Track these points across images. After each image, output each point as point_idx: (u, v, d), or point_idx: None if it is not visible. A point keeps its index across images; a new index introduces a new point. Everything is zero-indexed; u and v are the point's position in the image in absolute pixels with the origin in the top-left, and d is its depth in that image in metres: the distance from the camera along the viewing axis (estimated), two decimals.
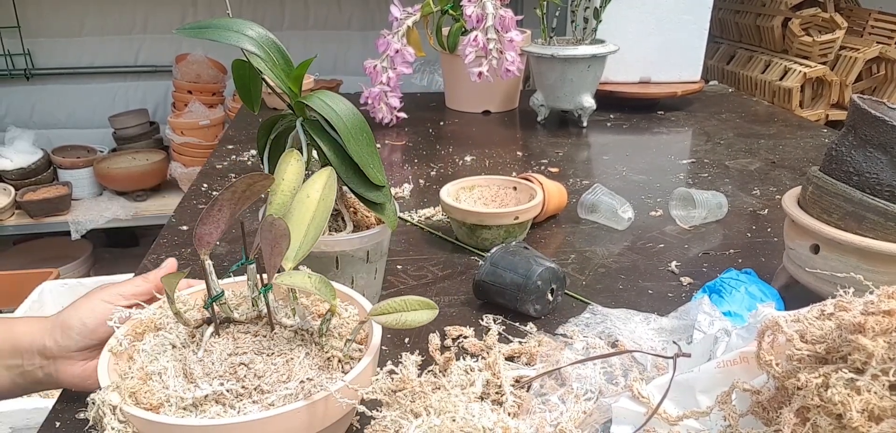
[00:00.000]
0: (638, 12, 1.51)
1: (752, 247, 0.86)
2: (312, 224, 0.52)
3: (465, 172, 1.15)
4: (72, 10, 2.45)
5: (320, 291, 0.47)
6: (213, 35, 0.58)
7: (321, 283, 0.47)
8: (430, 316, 0.49)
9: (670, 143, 1.33)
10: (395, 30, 1.28)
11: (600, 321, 0.65)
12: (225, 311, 0.51)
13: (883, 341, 0.36)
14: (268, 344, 0.49)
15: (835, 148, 0.63)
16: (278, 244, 0.47)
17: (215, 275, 0.49)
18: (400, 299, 0.48)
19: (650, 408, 0.48)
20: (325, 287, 0.47)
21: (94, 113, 2.56)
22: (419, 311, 0.49)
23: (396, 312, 0.48)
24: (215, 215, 0.48)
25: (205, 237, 0.47)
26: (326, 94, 0.61)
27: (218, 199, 0.47)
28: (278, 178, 0.55)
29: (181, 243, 0.87)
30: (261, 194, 0.50)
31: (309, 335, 0.51)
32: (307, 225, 0.52)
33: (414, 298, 0.49)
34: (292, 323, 0.51)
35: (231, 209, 0.48)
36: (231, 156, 1.25)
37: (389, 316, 0.48)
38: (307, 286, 0.47)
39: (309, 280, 0.47)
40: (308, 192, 0.54)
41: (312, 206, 0.53)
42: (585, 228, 0.92)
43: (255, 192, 0.49)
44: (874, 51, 1.94)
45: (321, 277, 0.47)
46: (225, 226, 0.48)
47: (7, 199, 2.22)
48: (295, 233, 0.51)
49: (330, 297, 0.47)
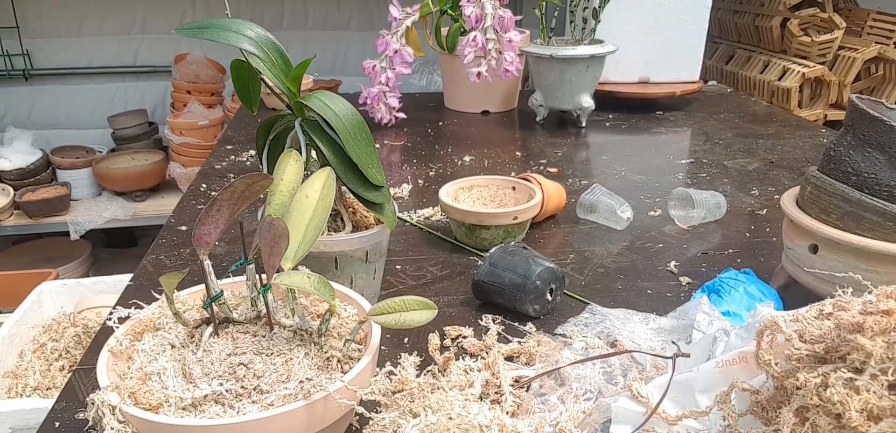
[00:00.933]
0: (637, 12, 1.52)
1: (751, 246, 0.86)
2: (311, 224, 0.52)
3: (464, 172, 1.15)
4: (70, 10, 2.44)
5: (319, 291, 0.46)
6: (211, 35, 0.58)
7: (320, 284, 0.47)
8: (429, 316, 0.49)
9: (669, 143, 1.33)
10: (394, 30, 1.28)
11: (599, 321, 0.66)
12: (224, 311, 0.51)
13: (881, 341, 0.36)
14: (267, 344, 0.49)
15: (833, 148, 0.63)
16: (277, 244, 0.47)
17: (214, 276, 0.49)
18: (399, 299, 0.48)
19: (649, 407, 0.48)
20: (323, 287, 0.47)
21: (93, 113, 2.56)
22: (419, 311, 0.49)
23: (396, 312, 0.48)
24: (214, 215, 0.48)
25: (203, 237, 0.47)
26: (325, 94, 0.61)
27: (217, 199, 0.47)
28: (277, 178, 0.54)
29: (180, 243, 0.87)
30: (260, 194, 0.50)
31: (308, 335, 0.50)
32: (306, 225, 0.52)
33: (413, 298, 0.49)
34: (291, 323, 0.51)
35: (230, 209, 0.48)
36: (230, 156, 1.25)
37: (389, 316, 0.48)
38: (306, 286, 0.46)
39: (308, 280, 0.47)
40: (307, 192, 0.54)
41: (311, 205, 0.53)
42: (584, 228, 0.92)
43: (253, 191, 0.49)
44: (873, 51, 1.94)
45: (320, 277, 0.47)
46: (224, 227, 0.48)
47: (6, 200, 2.21)
48: (294, 233, 0.51)
49: (329, 297, 0.47)
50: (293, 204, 0.53)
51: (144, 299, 0.73)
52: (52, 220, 2.26)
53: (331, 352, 0.49)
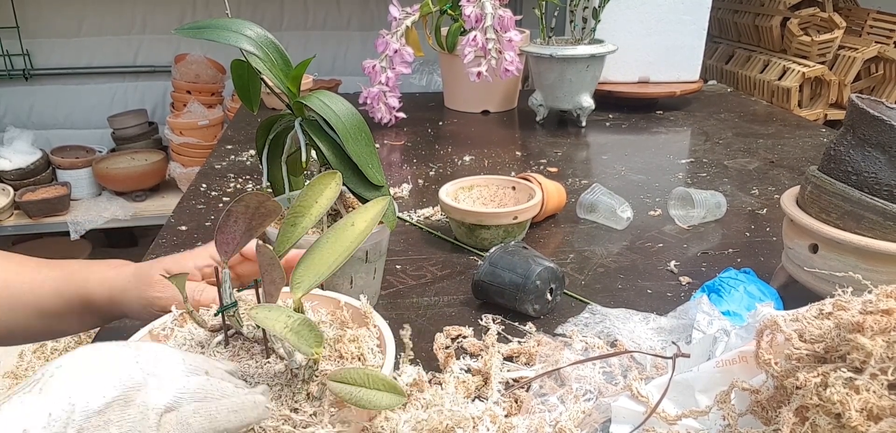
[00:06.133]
0: (636, 12, 1.52)
1: (751, 246, 0.86)
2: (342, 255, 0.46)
3: (464, 172, 1.15)
4: (70, 10, 2.44)
5: (295, 340, 0.40)
6: (211, 35, 0.58)
7: (301, 328, 0.40)
8: (391, 402, 0.42)
9: (669, 142, 1.33)
10: (393, 30, 1.28)
11: (599, 321, 0.66)
12: (234, 324, 0.48)
13: (881, 340, 0.36)
14: (257, 371, 0.45)
15: (833, 147, 0.63)
16: (269, 272, 0.44)
17: (230, 284, 0.47)
18: (365, 373, 0.41)
19: (649, 407, 0.48)
20: (304, 333, 0.40)
21: (93, 113, 2.56)
22: (381, 394, 0.42)
23: (355, 385, 0.41)
24: (231, 226, 0.46)
25: (222, 246, 0.46)
26: (325, 94, 0.61)
27: (231, 210, 0.46)
28: (310, 198, 0.49)
29: (180, 243, 0.87)
30: (269, 219, 0.47)
31: (293, 375, 0.44)
32: (340, 254, 0.46)
33: (381, 377, 0.42)
34: (284, 355, 0.46)
35: (246, 222, 0.46)
36: (230, 156, 1.25)
37: (344, 387, 0.40)
38: (277, 330, 0.40)
39: (286, 321, 0.41)
40: (354, 221, 0.48)
41: (355, 236, 0.47)
42: (584, 228, 0.92)
43: (263, 213, 0.46)
44: (873, 50, 1.94)
45: (303, 321, 0.41)
46: (241, 239, 0.46)
47: (6, 200, 2.21)
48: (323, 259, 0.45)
49: (307, 347, 0.40)
50: (335, 228, 0.48)
51: None
52: (52, 220, 2.26)
53: (300, 403, 0.43)
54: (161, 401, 0.36)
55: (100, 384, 0.34)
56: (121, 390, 0.34)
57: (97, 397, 0.34)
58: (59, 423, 0.32)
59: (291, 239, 0.48)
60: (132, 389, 0.35)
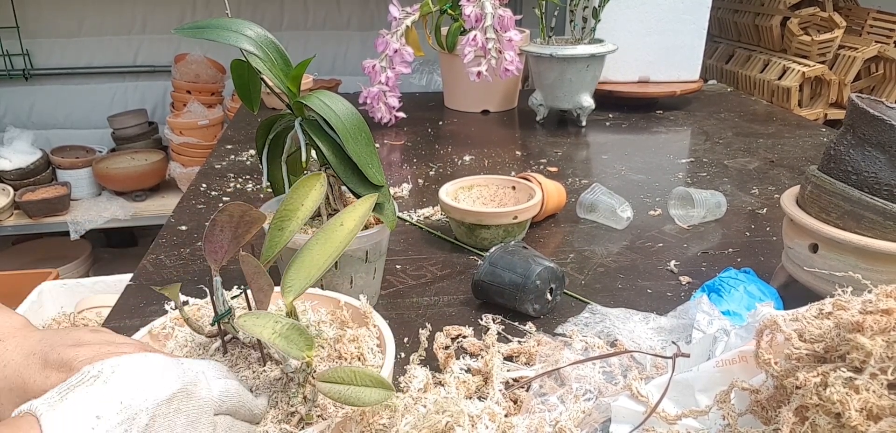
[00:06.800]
0: (636, 12, 1.52)
1: (751, 246, 0.86)
2: (333, 254, 0.46)
3: (464, 172, 1.15)
4: (70, 10, 2.44)
5: (284, 345, 0.40)
6: (211, 35, 0.58)
7: (291, 332, 0.40)
8: (380, 397, 0.42)
9: (669, 142, 1.33)
10: (393, 29, 1.28)
11: (599, 320, 0.66)
12: (230, 331, 0.48)
13: (881, 340, 0.36)
14: (253, 379, 0.45)
15: (833, 147, 0.63)
16: (256, 280, 0.44)
17: (223, 291, 0.47)
18: (352, 371, 0.41)
19: (649, 407, 0.48)
20: (294, 337, 0.40)
21: (93, 113, 2.56)
22: (370, 390, 0.41)
23: (344, 384, 0.41)
24: (217, 235, 0.45)
25: (212, 254, 0.45)
26: (325, 93, 0.61)
27: (215, 219, 0.45)
28: (296, 200, 0.49)
29: (180, 243, 0.87)
30: (254, 228, 0.46)
31: (289, 379, 0.45)
32: (330, 255, 0.46)
33: (369, 374, 0.41)
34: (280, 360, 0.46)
35: (232, 231, 0.45)
36: (230, 156, 1.25)
37: (333, 387, 0.41)
38: (265, 336, 0.40)
39: (274, 327, 0.40)
40: (343, 220, 0.48)
41: (344, 236, 0.47)
42: (584, 228, 0.92)
43: (248, 221, 0.45)
44: (873, 50, 1.94)
45: (292, 326, 0.41)
46: (228, 247, 0.46)
47: (6, 200, 2.21)
48: (313, 261, 0.46)
49: (297, 351, 0.40)
50: (325, 229, 0.48)
51: (145, 299, 0.74)
52: (52, 220, 2.26)
53: (297, 407, 0.44)
54: (213, 395, 0.40)
55: (163, 378, 0.37)
56: (182, 383, 0.38)
57: (164, 388, 0.37)
58: (132, 410, 0.35)
59: (279, 244, 0.48)
60: (190, 383, 0.38)
